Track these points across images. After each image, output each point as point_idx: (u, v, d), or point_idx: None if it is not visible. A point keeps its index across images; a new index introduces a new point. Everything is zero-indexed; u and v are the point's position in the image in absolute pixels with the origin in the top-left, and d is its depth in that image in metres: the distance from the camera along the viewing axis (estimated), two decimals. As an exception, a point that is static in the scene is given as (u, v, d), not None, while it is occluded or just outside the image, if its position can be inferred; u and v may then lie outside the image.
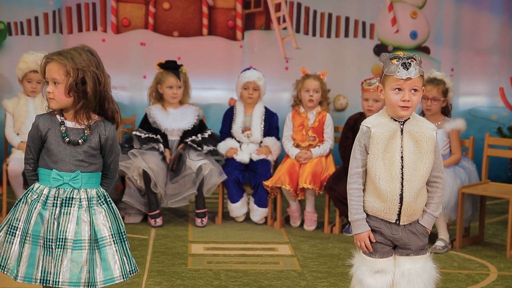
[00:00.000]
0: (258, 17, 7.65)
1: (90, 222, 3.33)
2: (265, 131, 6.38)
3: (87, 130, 3.37)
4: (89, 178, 3.38)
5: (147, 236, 5.79)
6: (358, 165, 3.53)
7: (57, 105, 3.34)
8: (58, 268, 3.27)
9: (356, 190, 3.54)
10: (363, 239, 3.54)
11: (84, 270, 3.29)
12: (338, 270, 5.06)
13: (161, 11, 7.59)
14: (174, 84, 6.23)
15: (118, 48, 7.49)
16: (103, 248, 3.35)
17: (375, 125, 3.49)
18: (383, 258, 3.55)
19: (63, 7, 7.38)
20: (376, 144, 3.47)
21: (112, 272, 3.36)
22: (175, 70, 6.25)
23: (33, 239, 3.31)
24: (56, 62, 3.31)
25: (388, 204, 3.49)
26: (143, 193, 6.19)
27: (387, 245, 3.55)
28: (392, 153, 3.47)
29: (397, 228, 3.53)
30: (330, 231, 6.07)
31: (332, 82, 6.57)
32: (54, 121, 3.37)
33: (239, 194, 6.23)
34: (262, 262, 5.23)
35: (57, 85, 3.31)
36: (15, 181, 6.10)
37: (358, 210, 3.54)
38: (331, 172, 6.08)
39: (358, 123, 5.97)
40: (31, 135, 3.41)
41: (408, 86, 3.43)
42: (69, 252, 3.28)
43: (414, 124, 3.50)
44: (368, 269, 3.55)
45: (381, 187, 3.47)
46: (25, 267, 3.31)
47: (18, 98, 6.26)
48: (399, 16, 7.63)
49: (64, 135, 3.34)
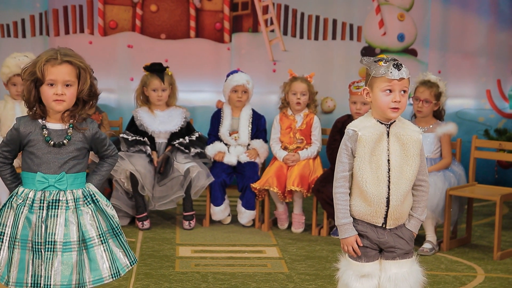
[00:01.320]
0: (245, 19, 7.65)
1: (77, 223, 3.32)
2: (252, 133, 6.37)
3: (70, 130, 3.35)
4: (74, 179, 3.36)
5: (135, 239, 5.77)
6: (344, 169, 3.51)
7: (66, 107, 3.31)
8: (49, 271, 3.26)
9: (343, 194, 3.52)
10: (350, 243, 3.52)
11: (75, 271, 3.29)
12: (326, 272, 5.05)
13: (148, 13, 7.58)
14: (158, 87, 6.22)
15: (105, 50, 7.48)
16: (91, 248, 3.34)
17: (361, 128, 3.48)
18: (369, 262, 3.54)
19: (50, 9, 7.36)
20: (363, 147, 3.46)
21: (101, 272, 3.36)
22: (160, 72, 6.24)
23: (21, 243, 3.30)
24: (69, 64, 3.28)
25: (374, 207, 3.48)
26: (130, 196, 6.17)
27: (373, 249, 3.54)
28: (379, 156, 3.46)
29: (383, 232, 3.53)
30: (318, 233, 6.08)
31: (319, 85, 6.58)
32: (36, 124, 3.34)
33: (222, 198, 6.22)
34: (250, 265, 5.22)
35: (69, 87, 3.28)
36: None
37: (345, 214, 3.52)
38: (318, 175, 6.08)
39: (346, 125, 5.97)
40: (10, 134, 3.37)
41: (399, 87, 3.43)
42: (59, 255, 3.27)
43: (400, 127, 3.50)
44: (354, 273, 3.54)
45: (368, 190, 3.46)
46: (16, 272, 3.30)
47: (5, 101, 6.23)
48: (387, 19, 7.65)
49: (47, 139, 3.32)
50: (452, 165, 5.78)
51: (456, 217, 5.78)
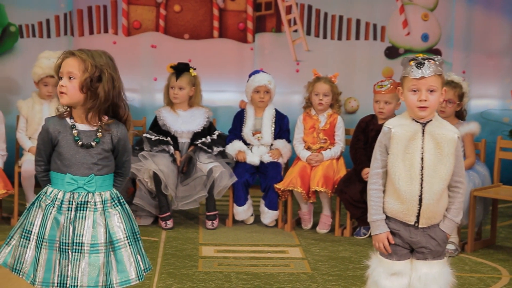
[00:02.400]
0: (269, 19, 7.64)
1: (105, 225, 3.33)
2: (275, 133, 6.37)
3: (99, 132, 3.36)
4: (103, 181, 3.37)
5: (158, 239, 5.79)
6: (378, 166, 3.54)
7: (68, 100, 3.31)
8: (75, 272, 3.26)
9: (376, 190, 3.54)
10: (381, 240, 3.53)
11: (102, 273, 3.29)
12: (349, 273, 5.04)
13: (172, 13, 7.60)
14: (174, 85, 6.25)
15: (129, 50, 7.50)
16: (118, 250, 3.35)
17: (396, 126, 3.51)
18: (400, 260, 3.54)
19: (75, 9, 7.40)
20: (396, 144, 3.48)
21: (128, 274, 3.36)
22: (180, 71, 6.26)
23: (49, 243, 3.30)
24: (76, 57, 3.29)
25: (407, 205, 3.49)
26: (153, 195, 6.19)
27: (404, 248, 3.55)
28: (413, 154, 3.47)
29: (416, 231, 3.52)
30: (341, 234, 6.06)
31: (343, 85, 6.56)
32: (65, 124, 3.35)
33: (245, 198, 6.22)
34: (272, 265, 5.22)
35: (72, 80, 3.28)
36: (27, 182, 6.11)
37: (378, 211, 3.54)
38: (342, 175, 6.06)
39: (370, 125, 6.01)
40: (41, 138, 3.38)
41: (424, 86, 3.44)
42: (86, 256, 3.27)
43: (437, 126, 3.50)
44: (385, 271, 3.55)
45: (401, 188, 3.47)
46: (43, 272, 3.30)
47: (32, 101, 6.26)
48: (411, 19, 7.62)
49: (76, 138, 3.33)
50: (476, 166, 5.74)
51: (481, 218, 5.74)
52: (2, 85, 7.18)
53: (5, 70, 7.32)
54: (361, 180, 5.88)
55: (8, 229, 5.74)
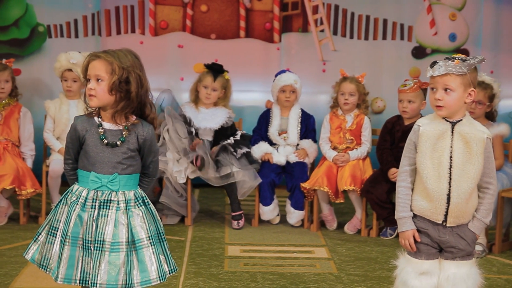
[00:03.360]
0: (295, 19, 7.64)
1: (127, 224, 3.34)
2: (301, 133, 6.36)
3: (125, 131, 3.37)
4: (127, 180, 3.39)
5: (184, 238, 5.81)
6: (407, 163, 3.56)
7: (97, 103, 3.33)
8: (96, 270, 3.28)
9: (404, 188, 3.55)
10: (407, 237, 3.53)
11: (122, 272, 3.30)
12: (375, 273, 5.02)
13: (199, 13, 7.62)
14: (209, 85, 6.26)
15: (156, 50, 7.53)
16: (140, 250, 3.35)
17: (425, 124, 3.53)
18: (428, 260, 3.54)
19: (102, 9, 7.44)
20: (424, 142, 3.49)
21: (149, 274, 3.36)
22: (216, 72, 6.28)
23: (72, 240, 3.33)
24: (102, 60, 3.31)
25: (435, 203, 3.49)
26: (180, 194, 6.20)
27: (433, 247, 3.54)
28: (441, 152, 3.47)
29: (445, 231, 3.52)
30: (367, 235, 6.04)
31: (369, 85, 6.53)
32: (92, 123, 3.38)
33: (271, 197, 6.22)
34: (298, 265, 5.21)
35: (100, 83, 3.31)
36: (54, 182, 6.15)
37: (405, 208, 3.54)
38: (368, 175, 6.05)
39: (396, 126, 5.99)
40: (69, 136, 3.42)
41: (439, 85, 3.47)
42: (107, 254, 3.29)
43: (467, 125, 3.51)
44: (414, 271, 3.54)
45: (429, 186, 3.47)
46: (65, 268, 3.33)
47: (60, 101, 6.31)
48: (438, 18, 7.57)
49: (102, 137, 3.35)
50: (504, 167, 5.70)
51: (509, 219, 5.70)
52: (30, 85, 7.24)
53: (33, 70, 7.38)
54: (387, 181, 5.86)
55: (36, 227, 5.80)
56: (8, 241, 5.57)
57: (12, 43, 7.34)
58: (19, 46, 7.36)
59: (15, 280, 4.65)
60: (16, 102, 6.23)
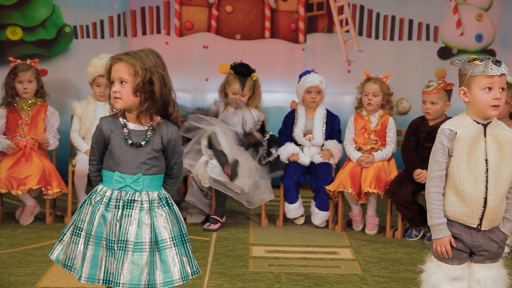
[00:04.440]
0: (320, 20, 7.63)
1: (151, 225, 3.34)
2: (326, 134, 6.35)
3: (149, 132, 3.39)
4: (151, 180, 3.40)
5: (209, 238, 5.82)
6: (440, 168, 3.49)
7: (123, 105, 3.35)
8: (119, 269, 3.29)
9: (437, 194, 3.50)
10: (444, 244, 3.49)
11: (145, 272, 3.31)
12: (401, 275, 5.00)
13: (224, 14, 7.63)
14: (237, 91, 6.23)
15: (181, 51, 7.55)
16: (163, 250, 3.36)
17: (459, 127, 3.45)
18: (460, 264, 3.51)
19: (128, 10, 7.48)
20: (461, 146, 3.43)
21: (172, 274, 3.36)
22: (244, 76, 6.24)
23: (96, 240, 3.35)
24: (125, 62, 3.32)
25: (471, 208, 3.45)
26: (205, 193, 6.21)
27: (464, 252, 3.52)
28: (477, 155, 3.43)
29: (477, 234, 3.48)
30: (392, 236, 6.02)
31: (395, 85, 6.51)
32: (117, 124, 3.39)
33: (296, 196, 6.21)
34: (323, 266, 5.20)
35: (124, 85, 3.32)
36: (80, 181, 6.19)
37: (439, 214, 3.49)
38: (393, 176, 6.02)
39: (421, 126, 5.96)
40: (95, 137, 3.44)
41: (498, 84, 3.41)
42: (130, 254, 3.30)
43: (497, 127, 3.47)
44: (445, 276, 3.51)
45: (465, 190, 3.43)
46: (89, 267, 3.35)
47: (87, 102, 6.34)
48: (464, 19, 7.53)
49: (127, 137, 3.36)
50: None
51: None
52: (57, 85, 7.28)
53: (60, 70, 7.43)
54: (412, 182, 5.83)
55: (61, 227, 5.83)
56: (34, 240, 5.61)
57: (39, 43, 7.40)
58: (45, 47, 7.41)
59: (41, 279, 4.68)
60: (42, 102, 6.26)
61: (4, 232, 5.81)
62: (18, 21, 7.38)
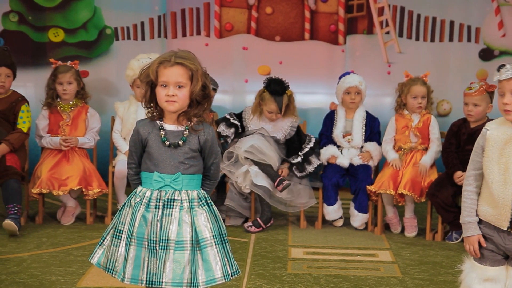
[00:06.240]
0: (360, 21, 7.60)
1: (191, 223, 3.36)
2: (366, 136, 6.32)
3: (186, 132, 3.40)
4: (190, 179, 3.41)
5: (248, 240, 5.83)
6: (474, 167, 3.51)
7: (178, 107, 3.35)
8: (161, 268, 3.31)
9: (470, 192, 3.50)
10: (472, 243, 3.49)
11: (187, 270, 3.32)
12: (441, 278, 4.97)
13: (264, 15, 7.64)
14: (274, 111, 6.19)
15: (221, 52, 7.57)
16: (204, 249, 3.37)
17: (493, 128, 3.46)
18: (494, 266, 3.49)
19: (168, 12, 7.52)
20: (491, 146, 3.43)
21: (214, 272, 3.38)
22: (280, 95, 6.14)
23: (137, 241, 3.37)
24: (181, 66, 3.33)
25: (499, 209, 3.42)
26: (245, 197, 6.22)
27: (499, 254, 3.49)
28: (508, 157, 3.40)
29: (510, 237, 3.45)
30: (432, 238, 5.98)
31: (435, 87, 6.46)
32: (154, 125, 3.41)
33: (335, 198, 6.19)
34: (362, 268, 5.18)
35: (181, 89, 3.33)
36: (120, 182, 6.23)
37: (470, 213, 3.49)
38: (433, 179, 5.98)
39: (462, 129, 5.91)
40: (132, 140, 3.46)
41: (506, 89, 3.40)
42: (171, 253, 3.32)
43: None
44: (478, 276, 3.50)
45: (494, 191, 3.42)
46: (131, 268, 3.37)
47: (129, 103, 6.39)
48: (507, 20, 7.45)
49: (164, 139, 3.38)
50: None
51: None
52: (98, 86, 7.36)
53: (101, 71, 7.50)
54: (453, 184, 5.79)
55: (102, 227, 5.89)
56: (75, 240, 5.67)
57: (80, 45, 7.48)
58: (87, 48, 7.49)
59: (82, 279, 4.73)
60: (84, 103, 6.31)
61: (46, 232, 5.88)
62: (60, 23, 7.47)
